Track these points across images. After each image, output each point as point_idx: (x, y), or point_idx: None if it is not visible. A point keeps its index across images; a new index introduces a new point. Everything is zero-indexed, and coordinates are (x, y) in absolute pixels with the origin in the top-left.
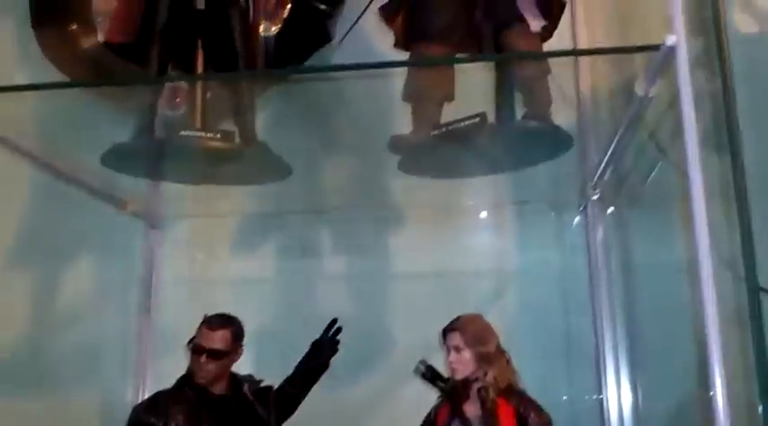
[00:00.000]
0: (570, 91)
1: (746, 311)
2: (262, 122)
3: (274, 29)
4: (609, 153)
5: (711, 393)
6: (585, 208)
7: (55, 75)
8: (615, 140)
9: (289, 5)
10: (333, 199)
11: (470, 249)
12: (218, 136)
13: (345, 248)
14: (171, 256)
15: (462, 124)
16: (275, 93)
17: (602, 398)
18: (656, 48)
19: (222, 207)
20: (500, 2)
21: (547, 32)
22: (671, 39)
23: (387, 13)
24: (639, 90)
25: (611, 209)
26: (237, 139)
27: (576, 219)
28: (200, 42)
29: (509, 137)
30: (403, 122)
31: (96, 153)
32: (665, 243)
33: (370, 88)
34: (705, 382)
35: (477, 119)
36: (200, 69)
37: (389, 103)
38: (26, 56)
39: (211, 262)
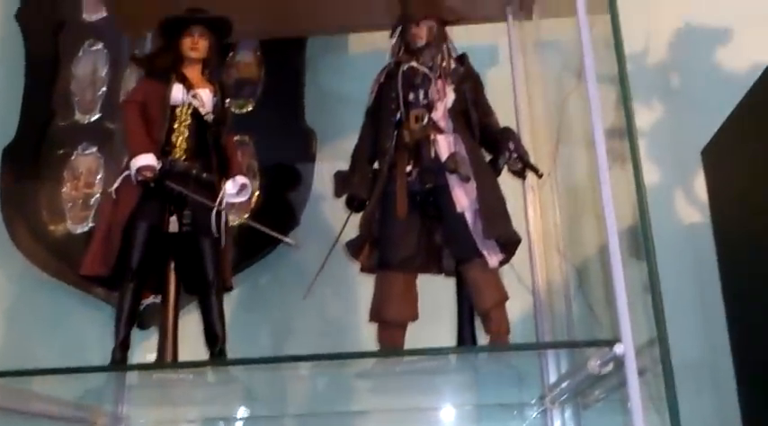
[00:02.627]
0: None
1: None
2: None
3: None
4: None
5: None
6: (545, 409)
7: (23, 263)
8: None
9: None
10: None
11: None
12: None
13: None
14: None
15: (426, 363)
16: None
17: None
18: (608, 344)
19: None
20: (458, 237)
21: (503, 263)
22: (619, 348)
23: (353, 249)
24: (593, 369)
25: (568, 412)
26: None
27: (536, 416)
28: (172, 265)
29: (470, 369)
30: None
31: None
32: None
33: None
34: None
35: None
36: (172, 291)
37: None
38: None
39: None
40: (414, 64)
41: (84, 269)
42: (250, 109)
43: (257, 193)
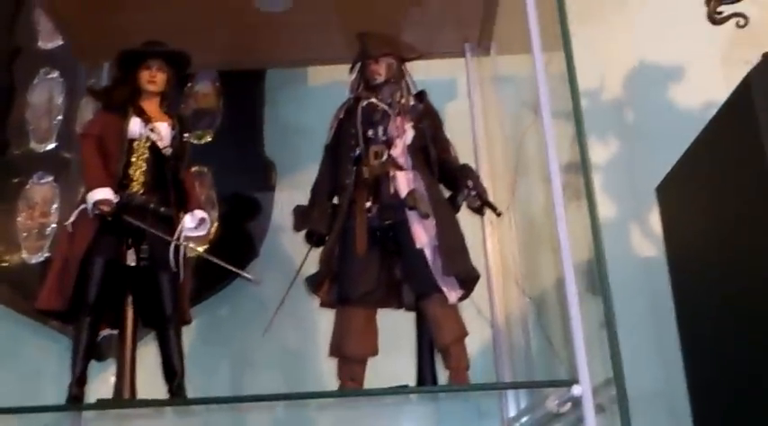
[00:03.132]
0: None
1: None
2: None
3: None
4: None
5: None
6: None
7: None
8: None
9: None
10: None
11: None
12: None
13: None
14: None
15: (388, 398)
16: None
17: None
18: (566, 384)
19: None
20: (418, 273)
21: (462, 298)
22: (577, 390)
23: (312, 284)
24: (551, 407)
25: None
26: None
27: None
28: (129, 298)
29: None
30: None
31: None
32: None
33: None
34: None
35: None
36: (129, 326)
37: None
38: None
39: None
40: (373, 100)
41: (39, 303)
42: (209, 139)
43: (216, 224)
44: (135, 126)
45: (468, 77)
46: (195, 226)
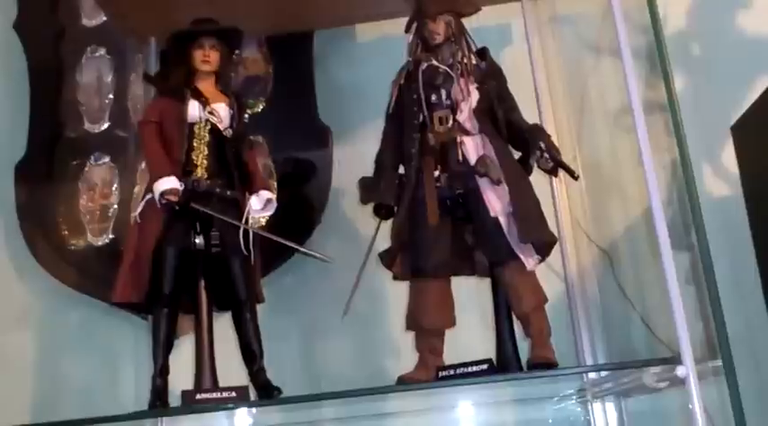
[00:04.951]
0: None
1: None
2: None
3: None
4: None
5: None
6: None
7: (46, 279)
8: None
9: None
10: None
11: None
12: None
13: None
14: None
15: (470, 369)
16: None
17: None
18: (668, 362)
19: None
20: (493, 241)
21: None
22: (681, 370)
23: (386, 259)
24: (650, 384)
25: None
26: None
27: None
28: (202, 283)
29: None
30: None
31: None
32: None
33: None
34: None
35: (485, 366)
36: (204, 312)
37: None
38: (14, 256)
39: None
40: (433, 62)
41: (115, 296)
42: (261, 108)
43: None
44: (194, 109)
45: (525, 21)
46: (262, 207)
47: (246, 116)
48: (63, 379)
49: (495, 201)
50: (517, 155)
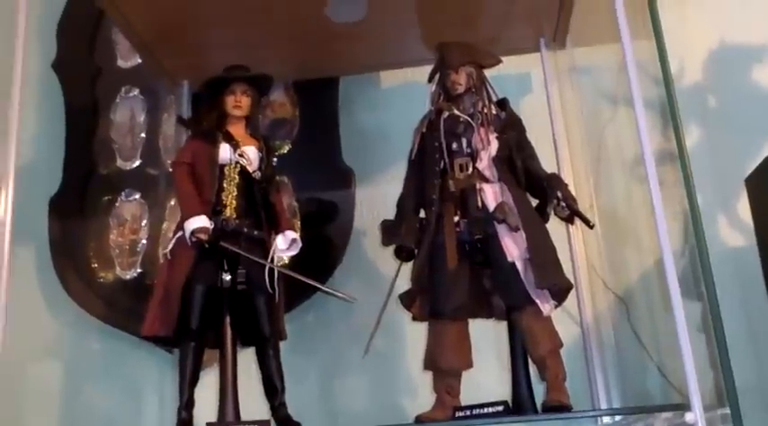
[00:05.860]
0: None
1: None
2: None
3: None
4: None
5: None
6: None
7: (75, 311)
8: None
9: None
10: None
11: None
12: None
13: None
14: None
15: (485, 410)
16: None
17: None
18: (677, 408)
19: None
20: (510, 286)
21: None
22: (690, 417)
23: (406, 301)
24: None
25: None
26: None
27: None
28: (227, 319)
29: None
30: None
31: None
32: None
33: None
34: None
35: (501, 408)
36: (229, 346)
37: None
38: (45, 287)
39: None
40: (455, 111)
41: (145, 330)
42: (287, 149)
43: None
44: (225, 152)
45: (545, 71)
46: (287, 246)
47: (275, 159)
48: (89, 409)
49: (513, 247)
50: (535, 202)
